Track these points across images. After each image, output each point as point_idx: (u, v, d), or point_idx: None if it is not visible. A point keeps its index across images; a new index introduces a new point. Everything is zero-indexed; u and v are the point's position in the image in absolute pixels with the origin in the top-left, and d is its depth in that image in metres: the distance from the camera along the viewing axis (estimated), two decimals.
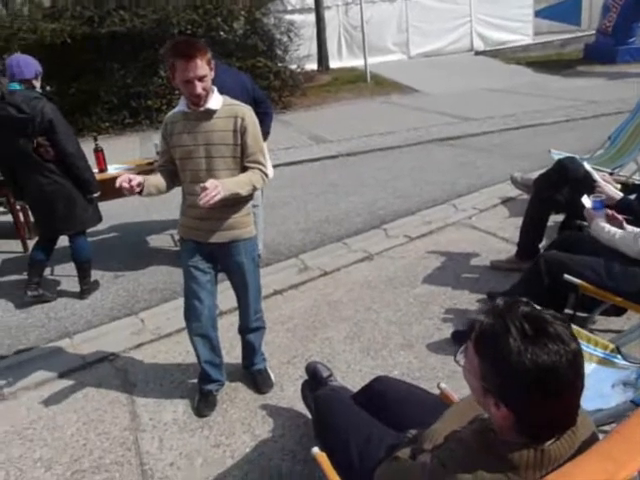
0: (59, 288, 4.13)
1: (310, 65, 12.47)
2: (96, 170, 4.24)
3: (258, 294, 2.68)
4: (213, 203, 2.13)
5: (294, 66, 11.18)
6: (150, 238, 4.97)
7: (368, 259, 4.07)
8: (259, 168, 2.36)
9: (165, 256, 4.51)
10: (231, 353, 2.96)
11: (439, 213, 4.79)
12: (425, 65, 13.90)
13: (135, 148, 8.37)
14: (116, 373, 3.00)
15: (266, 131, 3.85)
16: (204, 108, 2.28)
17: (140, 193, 2.29)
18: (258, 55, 10.36)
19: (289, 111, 10.53)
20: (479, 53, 14.85)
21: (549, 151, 4.52)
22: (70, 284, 4.12)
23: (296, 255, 4.25)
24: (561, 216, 3.73)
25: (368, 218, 4.94)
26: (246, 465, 2.28)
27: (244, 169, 2.36)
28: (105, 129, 9.82)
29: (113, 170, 4.51)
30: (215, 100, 2.31)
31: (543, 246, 3.52)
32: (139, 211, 5.54)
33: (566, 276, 2.54)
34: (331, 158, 7.12)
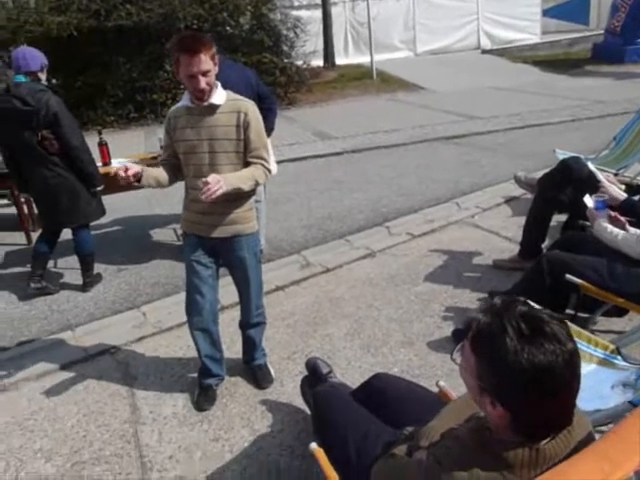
0: (62, 281, 4.15)
1: (316, 61, 12.46)
2: (100, 164, 4.25)
3: (259, 289, 2.68)
4: (215, 198, 2.13)
5: (300, 62, 11.18)
6: (153, 232, 4.98)
7: (370, 256, 4.07)
8: (262, 163, 2.37)
9: (168, 250, 4.53)
10: (231, 348, 2.97)
11: (442, 211, 4.78)
12: (432, 63, 13.83)
13: (140, 142, 8.38)
14: (117, 366, 3.01)
15: (270, 127, 3.85)
16: (208, 103, 2.29)
17: (137, 183, 2.30)
18: (264, 51, 10.36)
19: (294, 107, 10.51)
20: (486, 51, 14.76)
21: (554, 151, 4.50)
22: (73, 277, 4.13)
23: (298, 251, 4.25)
24: (564, 216, 3.72)
25: (371, 215, 4.94)
26: (244, 459, 2.29)
27: (247, 164, 2.36)
28: (110, 123, 9.84)
29: (117, 164, 4.51)
30: (219, 95, 2.31)
31: (546, 246, 3.51)
32: (142, 205, 5.56)
33: (568, 276, 2.54)
34: (336, 155, 7.11)
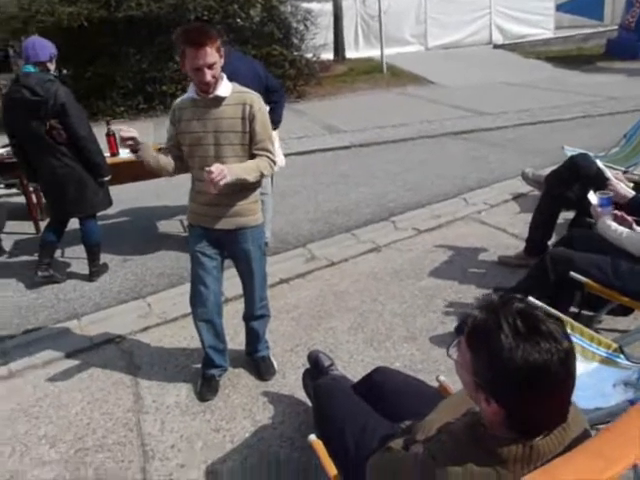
0: (69, 270, 4.19)
1: (326, 55, 12.38)
2: (108, 154, 4.27)
3: (264, 282, 2.69)
4: (219, 188, 2.14)
5: (310, 55, 11.13)
6: (159, 223, 5.01)
7: (375, 251, 4.06)
8: (267, 155, 2.37)
9: (174, 241, 4.55)
10: (235, 339, 2.98)
11: (449, 207, 4.76)
12: (442, 57, 13.74)
13: (149, 133, 8.37)
14: (122, 355, 3.04)
15: (277, 120, 3.85)
16: (213, 95, 2.29)
17: (134, 153, 2.33)
18: (274, 43, 10.34)
19: (303, 100, 10.49)
20: (498, 46, 14.64)
21: (562, 147, 4.47)
22: (80, 266, 4.17)
23: (304, 245, 4.26)
24: (571, 213, 3.70)
25: (377, 210, 4.93)
26: (245, 450, 2.31)
27: (253, 156, 2.37)
28: (120, 114, 9.84)
29: (125, 154, 4.53)
30: (224, 87, 2.31)
31: (552, 243, 3.49)
32: (149, 196, 5.58)
33: (572, 274, 2.52)
34: (344, 149, 7.09)
